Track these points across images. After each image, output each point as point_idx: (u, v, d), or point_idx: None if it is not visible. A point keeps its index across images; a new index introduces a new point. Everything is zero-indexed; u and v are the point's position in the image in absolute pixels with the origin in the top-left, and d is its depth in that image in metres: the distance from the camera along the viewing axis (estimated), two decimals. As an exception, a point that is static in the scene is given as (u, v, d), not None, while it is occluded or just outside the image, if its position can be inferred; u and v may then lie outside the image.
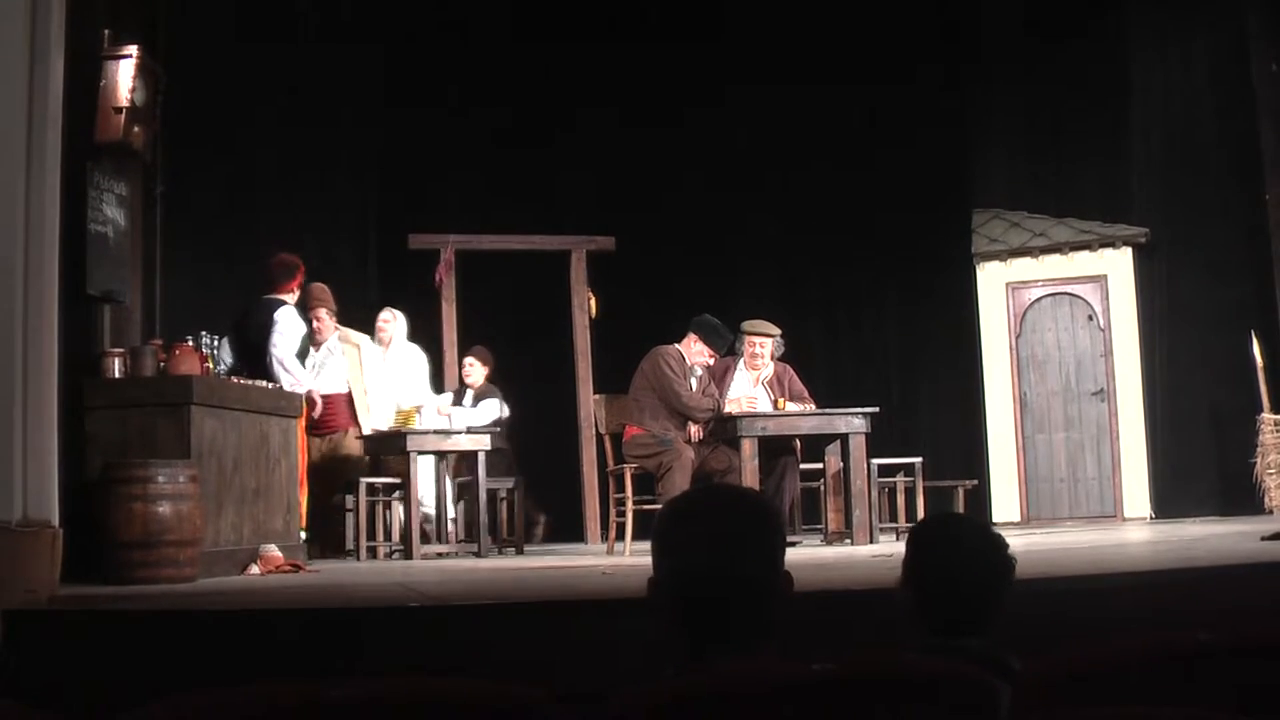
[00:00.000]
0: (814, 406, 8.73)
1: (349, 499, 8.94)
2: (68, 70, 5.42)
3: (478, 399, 9.70)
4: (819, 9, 11.56)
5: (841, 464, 8.42)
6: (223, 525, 6.73)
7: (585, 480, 10.65)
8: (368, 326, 10.63)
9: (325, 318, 8.74)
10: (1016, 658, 2.43)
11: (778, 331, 8.75)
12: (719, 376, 8.72)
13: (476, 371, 9.86)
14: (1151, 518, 10.87)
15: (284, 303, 8.13)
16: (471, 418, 9.44)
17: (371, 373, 8.97)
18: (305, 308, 8.57)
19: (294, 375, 8.06)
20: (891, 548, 7.64)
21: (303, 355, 8.13)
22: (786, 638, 2.14)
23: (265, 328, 7.91)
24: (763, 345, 8.69)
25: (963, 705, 1.99)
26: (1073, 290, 11.52)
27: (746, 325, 8.75)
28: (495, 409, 9.64)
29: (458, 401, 9.71)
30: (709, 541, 2.12)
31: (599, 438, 9.19)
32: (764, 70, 11.65)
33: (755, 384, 8.73)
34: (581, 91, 11.46)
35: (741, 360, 8.75)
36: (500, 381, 10.38)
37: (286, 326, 7.99)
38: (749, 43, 11.66)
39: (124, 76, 6.60)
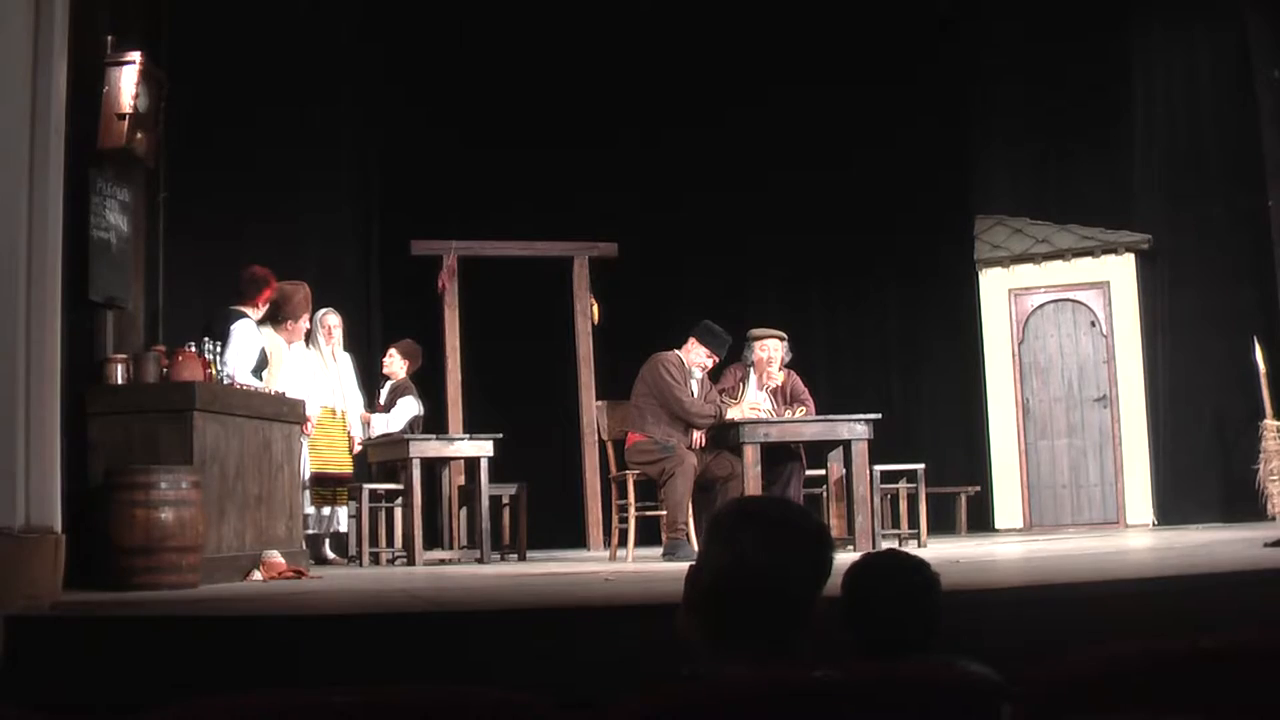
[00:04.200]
0: (812, 405, 8.73)
1: (352, 505, 8.97)
2: (71, 77, 5.43)
3: (392, 394, 9.39)
4: (823, 16, 11.58)
5: (844, 470, 8.42)
6: (225, 531, 6.73)
7: (587, 486, 10.65)
8: (364, 334, 10.63)
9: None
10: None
11: (783, 334, 8.78)
12: (733, 385, 8.73)
13: (395, 363, 9.46)
14: (1154, 524, 10.87)
15: (244, 315, 7.95)
16: (389, 422, 9.21)
17: (305, 371, 8.85)
18: (284, 317, 8.49)
19: None
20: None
21: (260, 368, 7.95)
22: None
23: (222, 339, 7.77)
24: (775, 349, 8.72)
25: (965, 710, 1.99)
26: (1075, 296, 11.52)
27: (754, 333, 8.78)
28: (411, 408, 9.37)
29: (375, 395, 9.53)
30: (769, 546, 2.13)
31: (601, 444, 9.19)
32: (767, 75, 11.67)
33: (762, 391, 8.74)
34: (584, 97, 11.48)
35: (751, 368, 8.77)
36: (502, 388, 10.39)
37: (239, 341, 7.78)
38: (751, 47, 11.67)
39: (127, 83, 6.60)
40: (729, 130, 11.70)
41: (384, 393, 9.50)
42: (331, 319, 9.14)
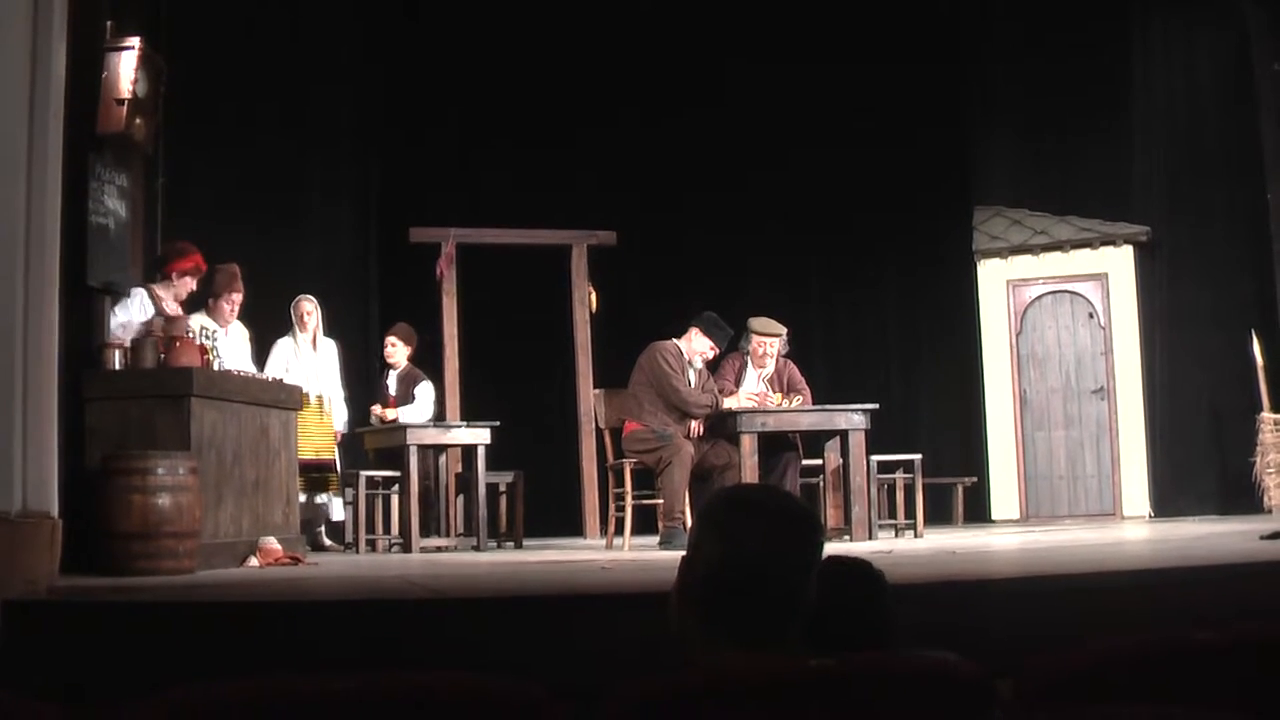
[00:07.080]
0: (808, 394, 8.73)
1: (348, 491, 8.97)
2: (70, 61, 5.42)
3: (404, 383, 9.33)
4: (821, 8, 11.56)
5: (841, 460, 8.42)
6: (222, 517, 6.73)
7: (584, 475, 10.65)
8: (362, 321, 10.60)
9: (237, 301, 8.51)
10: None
11: (784, 330, 8.77)
12: (732, 375, 8.73)
13: (399, 351, 9.38)
14: (1151, 516, 10.87)
15: (140, 288, 7.77)
16: (416, 414, 9.15)
17: (285, 360, 8.86)
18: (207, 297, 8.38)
19: None
20: (890, 544, 7.65)
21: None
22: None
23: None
24: (771, 345, 8.71)
25: (960, 703, 2.00)
26: (1073, 288, 11.52)
27: (754, 324, 8.76)
28: (430, 393, 9.37)
29: (382, 384, 9.47)
30: (762, 537, 2.13)
31: (598, 432, 9.20)
32: (767, 66, 11.65)
33: (759, 381, 8.75)
34: (584, 86, 11.46)
35: (749, 358, 8.76)
36: (500, 377, 10.37)
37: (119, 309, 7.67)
38: (752, 39, 11.65)
39: (126, 68, 6.58)
40: (728, 121, 11.67)
41: (391, 383, 9.41)
42: (306, 305, 9.05)
